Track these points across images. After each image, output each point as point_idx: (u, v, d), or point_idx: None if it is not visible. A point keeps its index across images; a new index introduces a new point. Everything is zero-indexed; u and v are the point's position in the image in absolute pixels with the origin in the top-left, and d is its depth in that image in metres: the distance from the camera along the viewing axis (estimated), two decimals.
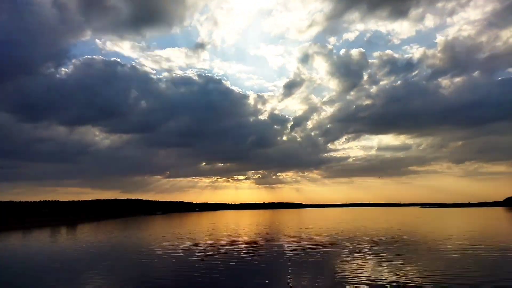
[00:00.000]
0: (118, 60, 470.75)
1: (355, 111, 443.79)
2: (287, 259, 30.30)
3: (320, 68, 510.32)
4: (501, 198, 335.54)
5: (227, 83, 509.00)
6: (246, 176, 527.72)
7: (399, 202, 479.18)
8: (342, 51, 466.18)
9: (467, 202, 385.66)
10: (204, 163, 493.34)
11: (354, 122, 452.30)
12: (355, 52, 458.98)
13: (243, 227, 75.55)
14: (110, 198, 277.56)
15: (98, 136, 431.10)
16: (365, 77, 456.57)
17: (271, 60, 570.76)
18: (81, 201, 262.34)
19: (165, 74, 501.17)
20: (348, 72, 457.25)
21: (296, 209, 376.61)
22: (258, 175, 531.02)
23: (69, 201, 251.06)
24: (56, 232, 72.09)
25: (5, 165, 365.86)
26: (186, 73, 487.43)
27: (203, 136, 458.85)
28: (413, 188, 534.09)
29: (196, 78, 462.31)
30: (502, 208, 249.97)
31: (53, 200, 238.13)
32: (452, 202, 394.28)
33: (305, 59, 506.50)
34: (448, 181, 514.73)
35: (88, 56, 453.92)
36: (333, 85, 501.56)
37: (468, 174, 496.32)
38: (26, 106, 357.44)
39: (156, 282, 22.69)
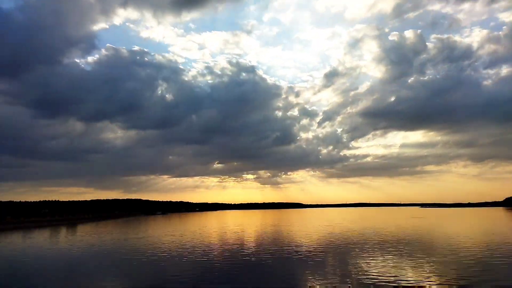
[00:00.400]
0: (146, 50, 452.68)
1: (392, 104, 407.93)
2: (299, 259, 30.07)
3: (369, 54, 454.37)
4: (501, 198, 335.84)
5: (260, 72, 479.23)
6: (257, 175, 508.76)
7: (399, 202, 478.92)
8: (396, 34, 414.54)
9: (467, 202, 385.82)
10: (217, 161, 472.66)
11: (387, 116, 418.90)
12: (410, 35, 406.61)
13: (236, 228, 75.26)
14: (110, 198, 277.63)
15: (114, 133, 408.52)
16: (416, 64, 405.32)
17: (316, 45, 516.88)
18: (81, 201, 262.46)
19: (194, 64, 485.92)
20: (399, 58, 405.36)
21: (295, 209, 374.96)
22: (268, 174, 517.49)
23: (69, 201, 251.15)
24: (56, 232, 71.82)
25: (13, 164, 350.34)
26: (216, 61, 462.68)
27: (224, 132, 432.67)
28: (419, 188, 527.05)
29: (227, 66, 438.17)
30: (502, 208, 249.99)
31: (53, 200, 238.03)
32: (452, 202, 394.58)
33: (355, 43, 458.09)
34: (455, 181, 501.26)
35: (112, 46, 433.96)
36: (378, 74, 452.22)
37: (482, 173, 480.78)
38: (43, 100, 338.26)
39: (164, 283, 22.39)
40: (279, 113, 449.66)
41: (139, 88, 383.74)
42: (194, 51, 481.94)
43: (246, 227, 75.65)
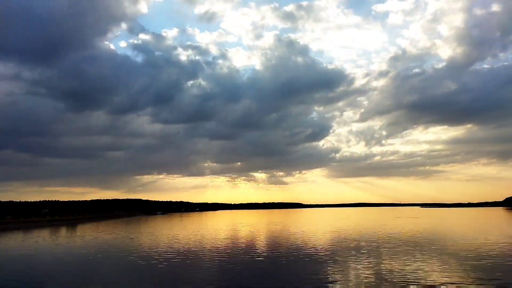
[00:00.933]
0: (191, 30, 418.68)
1: (452, 94, 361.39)
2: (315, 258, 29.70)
3: (450, 31, 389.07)
4: (501, 198, 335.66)
5: (313, 55, 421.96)
6: (270, 174, 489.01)
7: (400, 202, 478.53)
8: (485, 8, 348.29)
9: (467, 202, 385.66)
10: (238, 159, 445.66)
11: (438, 108, 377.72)
12: (499, 9, 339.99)
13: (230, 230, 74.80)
14: (110, 198, 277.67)
15: (140, 127, 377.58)
16: (497, 46, 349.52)
17: (391, 19, 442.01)
18: (81, 201, 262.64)
19: (242, 42, 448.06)
20: (480, 38, 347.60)
21: (294, 209, 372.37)
22: (281, 173, 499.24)
23: (69, 201, 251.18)
24: (56, 232, 71.44)
25: (27, 162, 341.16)
26: (266, 41, 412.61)
27: (257, 126, 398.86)
28: (425, 187, 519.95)
29: (277, 46, 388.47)
30: (502, 208, 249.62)
31: (53, 200, 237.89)
32: (452, 202, 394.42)
33: (436, 18, 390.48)
34: (465, 180, 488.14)
35: (155, 26, 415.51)
36: (452, 56, 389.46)
37: (499, 172, 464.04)
38: (73, 91, 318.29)
39: (178, 285, 22.02)
40: (321, 107, 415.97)
41: (176, 76, 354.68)
42: (246, 27, 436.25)
43: (242, 228, 75.32)
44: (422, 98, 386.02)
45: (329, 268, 25.38)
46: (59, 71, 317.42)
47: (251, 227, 74.83)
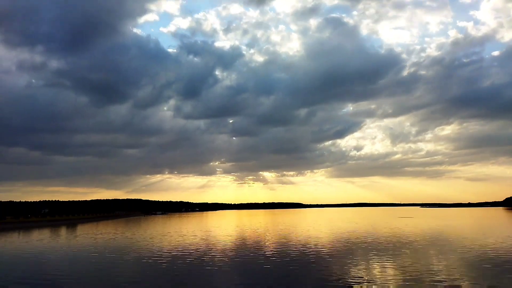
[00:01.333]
0: (232, 6, 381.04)
1: (498, 86, 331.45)
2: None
3: None
4: (501, 198, 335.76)
5: (361, 38, 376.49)
6: (279, 173, 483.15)
7: (400, 202, 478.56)
8: None
9: (467, 202, 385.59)
10: (251, 157, 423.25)
11: (480, 102, 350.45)
12: None
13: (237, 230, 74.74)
14: (110, 198, 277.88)
15: (161, 123, 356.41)
16: None
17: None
18: (81, 201, 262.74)
19: (286, 20, 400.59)
20: None
21: (293, 209, 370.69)
22: (292, 172, 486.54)
23: (69, 201, 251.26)
24: (56, 232, 71.46)
25: (36, 161, 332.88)
26: (311, 22, 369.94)
27: (285, 121, 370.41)
28: (427, 187, 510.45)
29: (323, 24, 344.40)
30: (502, 208, 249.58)
31: (53, 200, 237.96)
32: (452, 202, 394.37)
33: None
34: (469, 180, 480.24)
35: (189, 14, 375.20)
36: None
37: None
38: (99, 84, 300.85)
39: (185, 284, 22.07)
40: (357, 101, 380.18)
41: (212, 65, 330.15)
42: (296, 6, 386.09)
43: (247, 229, 75.32)
44: (468, 90, 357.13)
45: (344, 268, 25.47)
46: (89, 60, 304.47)
47: (237, 228, 74.94)
